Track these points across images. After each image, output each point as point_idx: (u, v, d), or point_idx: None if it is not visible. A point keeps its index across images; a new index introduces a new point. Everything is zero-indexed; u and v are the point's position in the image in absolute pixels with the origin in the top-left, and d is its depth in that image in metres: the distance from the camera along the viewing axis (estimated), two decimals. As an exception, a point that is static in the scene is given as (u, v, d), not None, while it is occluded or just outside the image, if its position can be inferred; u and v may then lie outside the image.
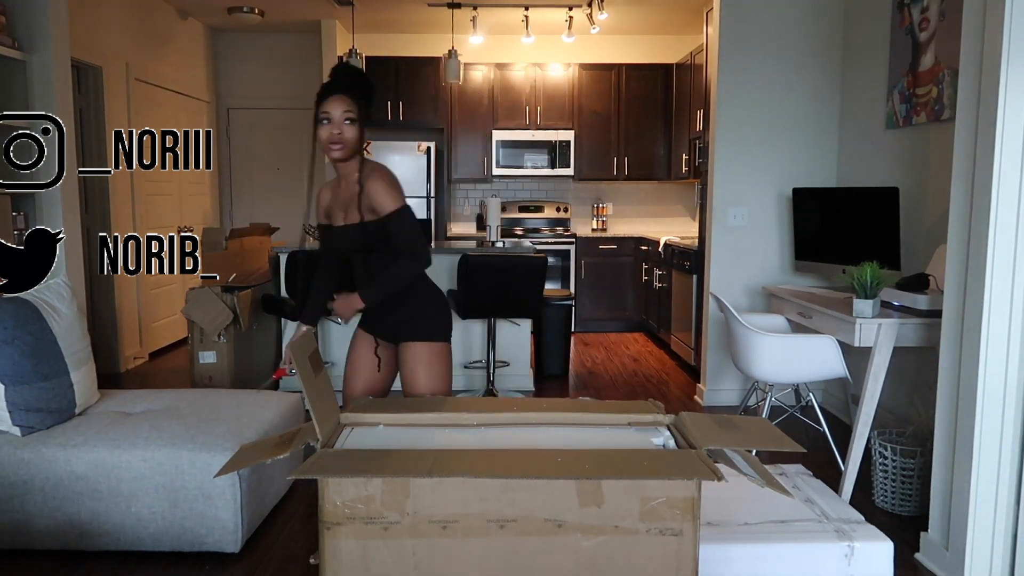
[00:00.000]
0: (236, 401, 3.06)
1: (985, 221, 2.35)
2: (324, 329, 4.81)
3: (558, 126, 7.07)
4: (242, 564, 2.63)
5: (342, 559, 1.54)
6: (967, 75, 2.45)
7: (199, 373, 4.34)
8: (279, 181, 7.54)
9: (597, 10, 5.98)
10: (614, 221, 7.49)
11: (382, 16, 6.64)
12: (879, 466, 3.11)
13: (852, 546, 2.26)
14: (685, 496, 1.53)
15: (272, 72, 7.36)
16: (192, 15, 6.67)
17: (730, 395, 4.54)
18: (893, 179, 3.75)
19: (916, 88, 3.58)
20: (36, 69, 3.71)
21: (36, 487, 2.59)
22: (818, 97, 4.38)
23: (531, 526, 1.53)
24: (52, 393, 2.74)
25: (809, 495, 2.61)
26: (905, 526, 2.93)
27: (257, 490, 2.75)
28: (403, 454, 1.66)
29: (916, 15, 3.58)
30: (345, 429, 1.88)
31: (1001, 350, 2.36)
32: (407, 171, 6.83)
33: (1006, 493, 2.40)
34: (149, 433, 2.68)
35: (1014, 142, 2.29)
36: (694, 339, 5.20)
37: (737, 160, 4.39)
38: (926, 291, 3.06)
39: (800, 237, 4.15)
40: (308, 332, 2.61)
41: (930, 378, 2.83)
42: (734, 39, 4.32)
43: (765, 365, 3.30)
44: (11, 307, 2.71)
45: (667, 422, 1.93)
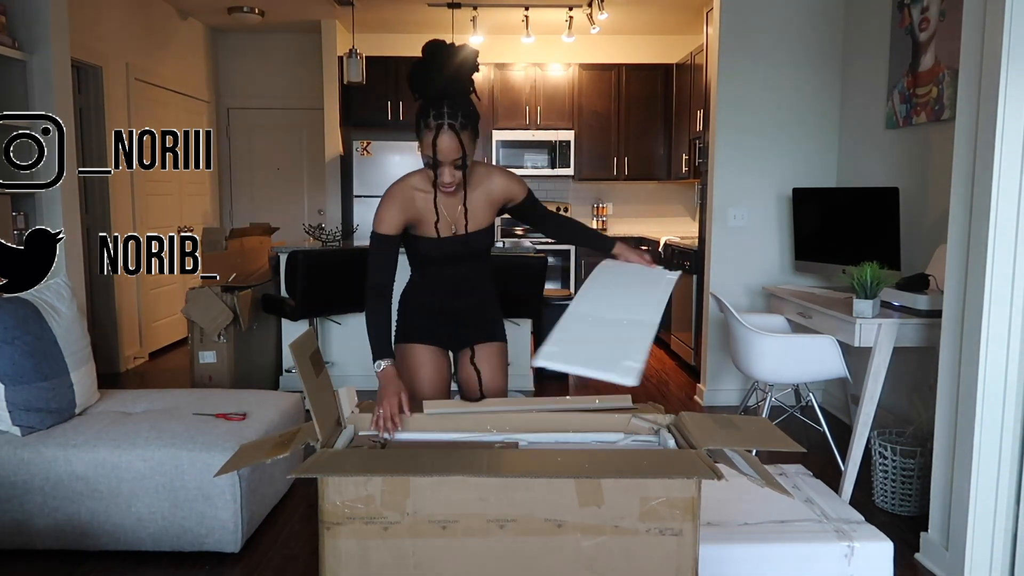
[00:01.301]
0: (236, 401, 3.06)
1: (985, 221, 2.35)
2: (324, 329, 4.81)
3: (558, 126, 7.08)
4: (242, 564, 2.63)
5: (342, 559, 1.54)
6: (967, 75, 2.45)
7: (199, 373, 4.35)
8: (279, 181, 7.54)
9: (597, 10, 5.98)
10: (614, 221, 7.49)
11: (382, 16, 6.64)
12: (879, 466, 3.11)
13: (852, 546, 2.26)
14: (685, 496, 1.53)
15: (272, 72, 7.36)
16: (192, 15, 6.67)
17: (730, 395, 4.54)
18: (893, 179, 3.75)
19: (916, 88, 3.58)
20: (36, 69, 3.71)
21: (36, 487, 2.59)
22: (818, 97, 4.38)
23: (531, 526, 1.53)
24: (52, 393, 2.74)
25: (809, 495, 2.61)
26: (905, 526, 2.93)
27: (257, 490, 2.75)
28: (403, 453, 1.66)
29: (916, 15, 3.58)
30: (347, 428, 1.88)
31: (1001, 350, 2.36)
32: (407, 171, 6.80)
33: (1006, 493, 2.40)
34: (149, 433, 2.68)
35: (1014, 142, 2.29)
36: (694, 339, 5.20)
37: (737, 160, 4.39)
38: (926, 291, 3.06)
39: (800, 237, 4.15)
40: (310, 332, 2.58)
41: (930, 378, 2.83)
42: (734, 39, 4.32)
43: (765, 365, 3.30)
44: (11, 307, 2.71)
45: (667, 422, 1.93)
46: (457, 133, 2.05)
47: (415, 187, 2.21)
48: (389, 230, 2.17)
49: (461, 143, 2.06)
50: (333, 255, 4.50)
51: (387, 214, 2.17)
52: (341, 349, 4.84)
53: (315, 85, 6.97)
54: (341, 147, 7.08)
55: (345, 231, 6.79)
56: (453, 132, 2.04)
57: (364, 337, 2.17)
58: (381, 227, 2.17)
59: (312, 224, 5.87)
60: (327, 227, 5.67)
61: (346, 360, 4.84)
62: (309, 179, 7.53)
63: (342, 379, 4.74)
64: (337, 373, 4.75)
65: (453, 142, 2.05)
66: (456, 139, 2.05)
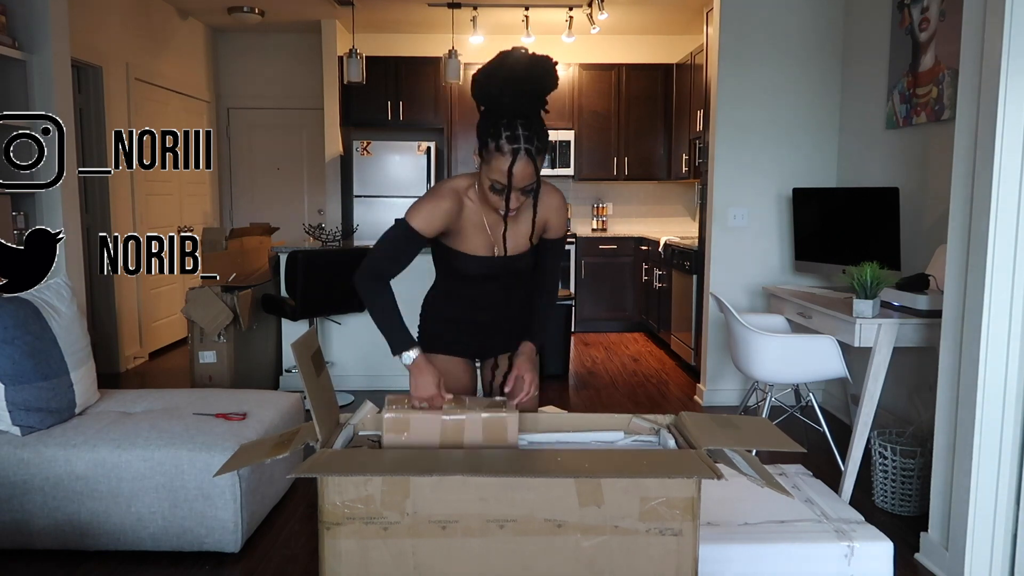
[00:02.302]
0: (236, 401, 3.06)
1: (985, 221, 2.35)
2: (324, 329, 4.81)
3: (558, 126, 7.07)
4: (242, 564, 2.63)
5: (342, 559, 1.54)
6: (967, 75, 2.45)
7: (199, 373, 4.34)
8: (279, 181, 7.55)
9: (597, 10, 5.98)
10: (614, 221, 7.49)
11: (382, 16, 6.64)
12: (879, 466, 3.11)
13: (852, 546, 2.26)
14: (685, 496, 1.53)
15: (272, 72, 7.36)
16: (192, 15, 6.67)
17: (730, 395, 4.54)
18: (893, 179, 3.75)
19: (916, 88, 3.58)
20: (36, 69, 3.71)
21: (36, 487, 2.59)
22: (818, 97, 4.38)
23: (531, 526, 1.53)
24: (52, 393, 2.74)
25: (809, 495, 2.61)
26: (905, 526, 2.93)
27: (257, 490, 2.75)
28: (403, 453, 1.66)
29: (916, 15, 3.58)
30: (345, 429, 1.88)
31: (1001, 350, 2.36)
32: (407, 171, 6.83)
33: (1006, 493, 2.40)
34: (149, 433, 2.68)
35: (1014, 142, 2.29)
36: (694, 339, 5.20)
37: (737, 160, 4.39)
38: (926, 291, 3.06)
39: (800, 237, 4.15)
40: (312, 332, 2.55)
41: (930, 378, 2.83)
42: (734, 39, 4.32)
43: (765, 365, 3.30)
44: (11, 307, 2.71)
45: (667, 422, 1.93)
46: (533, 159, 1.87)
47: (468, 196, 2.02)
48: (424, 228, 1.96)
49: (536, 169, 1.89)
50: (333, 255, 4.50)
51: (429, 213, 1.96)
52: (341, 349, 4.84)
53: (315, 85, 6.97)
54: (341, 147, 7.08)
55: (345, 231, 6.79)
56: (530, 158, 1.86)
57: (364, 337, 2.16)
58: (416, 222, 1.95)
59: (312, 224, 5.87)
60: (327, 227, 5.67)
61: (346, 360, 4.84)
62: (309, 179, 7.53)
63: (342, 379, 4.75)
64: (337, 373, 4.75)
65: (529, 168, 1.87)
66: (532, 165, 1.87)
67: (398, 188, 6.84)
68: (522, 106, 1.87)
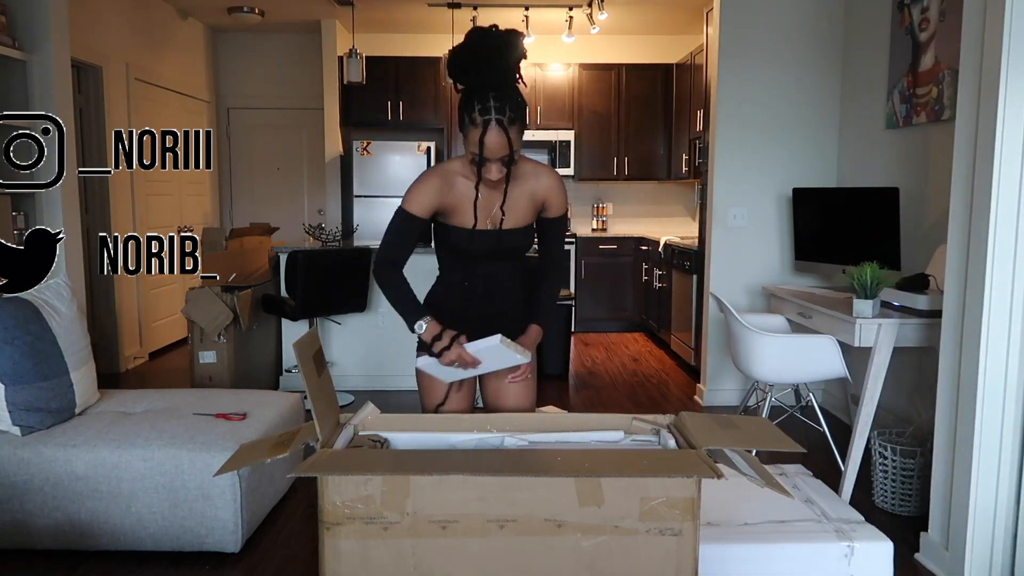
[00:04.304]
0: (236, 401, 3.06)
1: (985, 221, 2.35)
2: (324, 329, 4.81)
3: (558, 126, 7.08)
4: (242, 564, 2.63)
5: (342, 559, 1.54)
6: (967, 75, 2.45)
7: (199, 373, 4.34)
8: (279, 181, 7.55)
9: (597, 10, 5.98)
10: (614, 221, 7.49)
11: (382, 16, 6.64)
12: (879, 466, 3.11)
13: (852, 546, 2.26)
14: (685, 496, 1.53)
15: (272, 72, 7.36)
16: (192, 15, 6.67)
17: (730, 395, 4.54)
18: (893, 179, 3.75)
19: (916, 88, 3.58)
20: (36, 69, 3.71)
21: (36, 487, 2.59)
22: (818, 97, 4.38)
23: (531, 526, 1.53)
24: (52, 393, 2.74)
25: (809, 495, 2.61)
26: (905, 526, 2.93)
27: (257, 490, 2.75)
28: (403, 453, 1.66)
29: (916, 15, 3.58)
30: (346, 429, 1.88)
31: (1001, 350, 2.36)
32: (407, 171, 6.83)
33: (1006, 493, 2.40)
34: (149, 433, 2.68)
35: (1014, 142, 2.29)
36: (694, 339, 5.20)
37: (737, 160, 4.39)
38: (926, 291, 3.06)
39: (800, 237, 4.15)
40: (314, 332, 2.53)
41: (930, 378, 2.83)
42: (734, 39, 4.33)
43: (765, 365, 3.30)
44: (11, 307, 2.71)
45: (667, 422, 1.93)
46: (505, 129, 1.94)
47: (456, 172, 2.09)
48: (418, 211, 2.05)
49: (509, 139, 1.95)
50: (333, 255, 4.50)
51: (420, 194, 2.06)
52: (341, 349, 4.84)
53: (315, 85, 6.97)
54: (341, 147, 7.08)
55: (345, 231, 6.79)
56: (501, 128, 1.93)
57: (364, 337, 2.17)
58: (410, 206, 2.05)
59: (312, 224, 5.87)
60: (327, 227, 5.67)
61: (346, 360, 4.84)
62: (309, 179, 7.53)
63: (342, 379, 4.75)
64: (337, 373, 4.75)
65: (501, 139, 1.94)
66: (504, 135, 1.94)
67: (398, 188, 6.81)
68: (492, 78, 1.97)
